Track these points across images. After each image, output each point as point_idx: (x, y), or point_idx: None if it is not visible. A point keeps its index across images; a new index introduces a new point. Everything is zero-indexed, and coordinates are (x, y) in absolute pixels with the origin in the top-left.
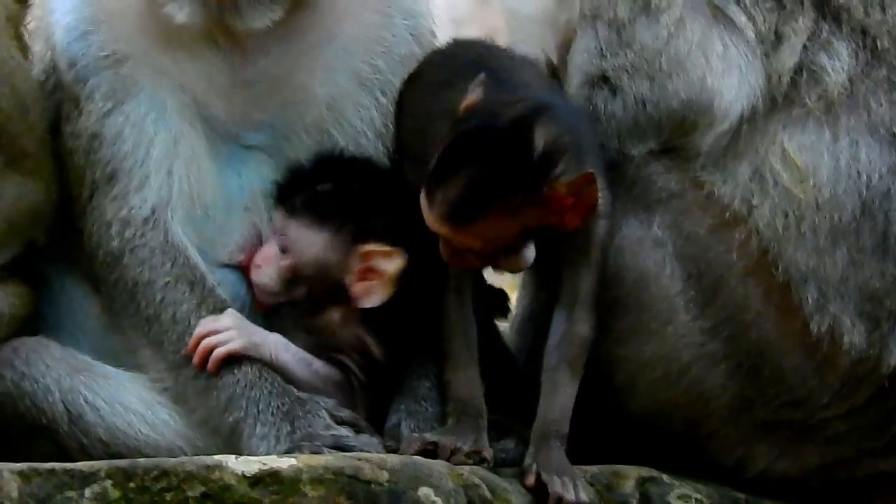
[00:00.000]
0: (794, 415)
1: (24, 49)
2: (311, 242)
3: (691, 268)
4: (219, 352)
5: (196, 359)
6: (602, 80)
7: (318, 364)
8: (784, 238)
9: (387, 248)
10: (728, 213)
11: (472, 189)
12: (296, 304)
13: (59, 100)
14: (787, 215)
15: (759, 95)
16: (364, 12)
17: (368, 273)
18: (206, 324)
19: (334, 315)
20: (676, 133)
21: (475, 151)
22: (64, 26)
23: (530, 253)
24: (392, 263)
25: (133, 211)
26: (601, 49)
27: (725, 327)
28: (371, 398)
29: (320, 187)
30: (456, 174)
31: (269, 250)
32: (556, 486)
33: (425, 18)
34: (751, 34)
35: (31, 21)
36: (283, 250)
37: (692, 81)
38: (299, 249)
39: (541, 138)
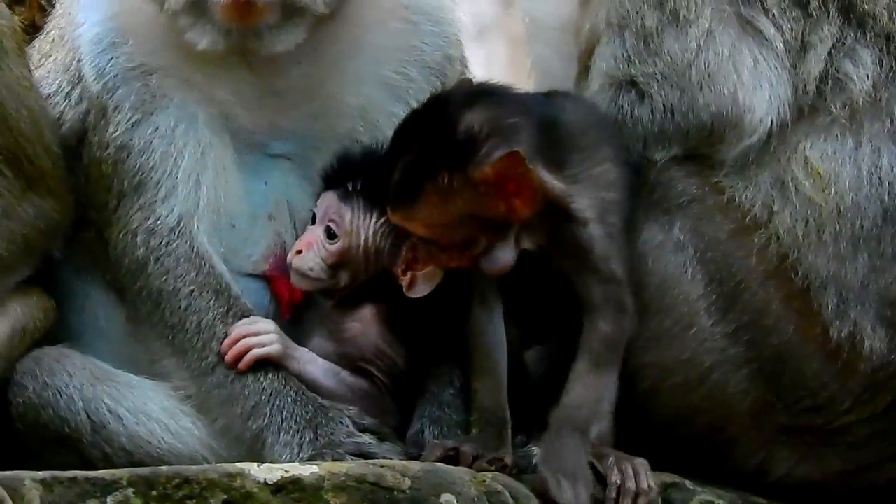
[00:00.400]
0: (815, 420)
1: (30, 71)
2: (366, 226)
3: (712, 272)
4: (256, 352)
5: (230, 356)
6: (630, 84)
7: (345, 374)
8: (804, 244)
9: None
10: (748, 219)
11: (406, 170)
12: (324, 309)
13: (85, 109)
14: (807, 222)
15: (787, 108)
16: (392, 21)
17: (415, 264)
18: (245, 325)
19: (361, 320)
20: (703, 143)
21: (412, 135)
22: (91, 38)
23: (506, 255)
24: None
25: (160, 220)
26: (628, 56)
27: (746, 332)
28: (396, 405)
29: (375, 174)
30: (397, 159)
31: (312, 236)
32: (552, 486)
33: (452, 26)
34: (780, 45)
35: (54, 30)
36: (332, 235)
37: (723, 95)
38: (352, 232)
39: (470, 120)
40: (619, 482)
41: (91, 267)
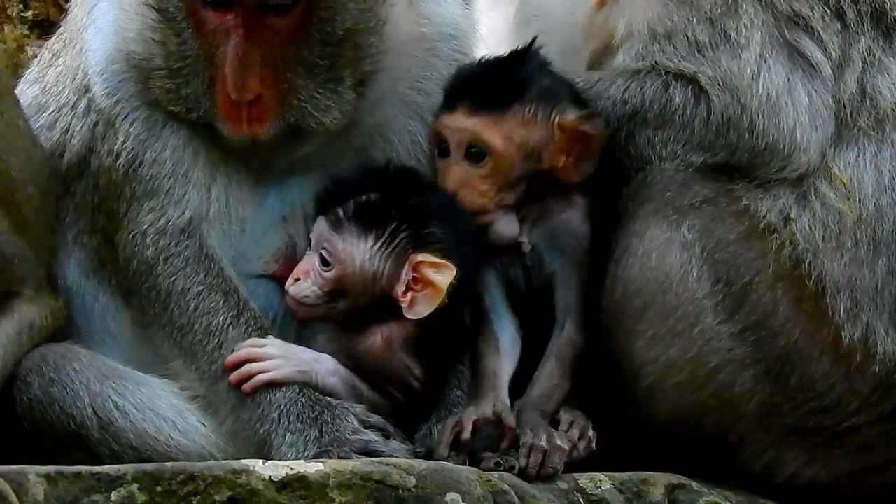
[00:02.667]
0: (823, 421)
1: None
2: (360, 252)
3: (720, 272)
4: (260, 378)
5: (234, 378)
6: (685, 80)
7: (364, 388)
8: (822, 250)
9: (439, 260)
10: (762, 225)
11: (499, 82)
12: (334, 324)
13: (93, 121)
14: (826, 228)
15: (831, 138)
16: (408, 42)
17: (416, 284)
18: (250, 349)
19: (376, 340)
20: (744, 162)
21: (516, 61)
22: (103, 57)
23: (510, 227)
24: (443, 276)
25: (170, 222)
26: (682, 54)
27: (753, 332)
28: (412, 419)
29: (370, 195)
30: (494, 68)
31: (308, 264)
32: (528, 437)
33: (468, 38)
34: (827, 71)
35: (62, 37)
36: (326, 263)
37: (782, 130)
38: (345, 260)
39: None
40: (529, 441)
41: (99, 270)
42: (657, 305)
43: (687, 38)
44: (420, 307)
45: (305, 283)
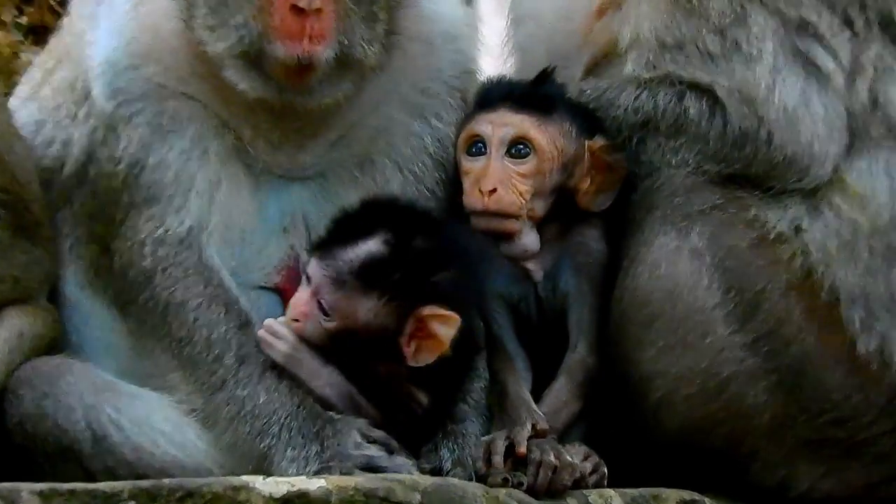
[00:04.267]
0: (838, 433)
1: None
2: (363, 309)
3: (731, 280)
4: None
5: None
6: (699, 91)
7: (363, 401)
8: (836, 260)
9: (444, 313)
10: (772, 234)
11: (538, 88)
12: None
13: (93, 126)
14: (840, 238)
15: (844, 149)
16: (409, 43)
17: (421, 333)
18: (274, 323)
19: (378, 371)
20: (759, 173)
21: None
22: (105, 59)
23: (531, 241)
24: (448, 328)
25: (169, 231)
26: (694, 63)
27: (766, 342)
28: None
29: (372, 250)
30: (517, 81)
31: (305, 305)
32: (536, 453)
33: (470, 40)
34: (839, 80)
35: (60, 46)
36: (326, 313)
37: (800, 143)
38: (347, 315)
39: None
40: (537, 458)
41: (95, 281)
42: (666, 315)
43: (698, 48)
44: (423, 356)
45: (306, 326)
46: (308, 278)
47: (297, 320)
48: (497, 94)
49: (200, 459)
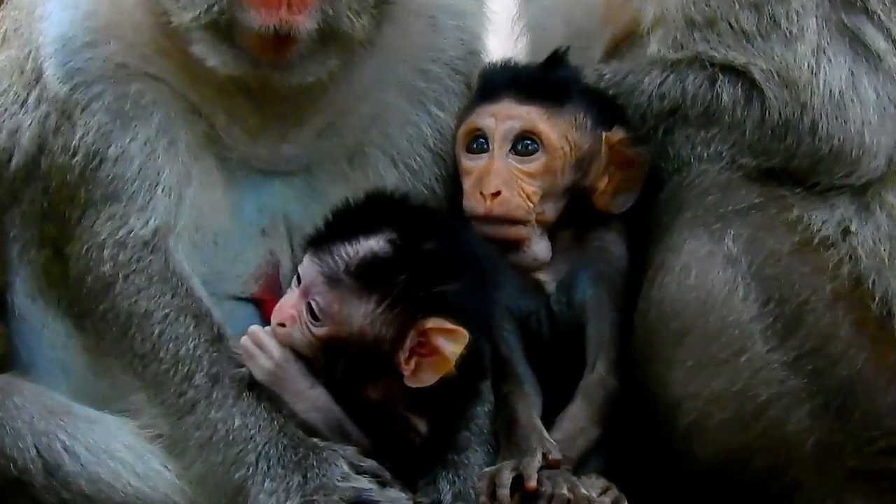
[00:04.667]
0: (892, 463)
1: None
2: (359, 315)
3: (770, 290)
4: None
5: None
6: (734, 73)
7: (354, 430)
8: (889, 267)
9: (450, 327)
10: (817, 238)
11: (549, 75)
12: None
13: (45, 112)
14: (893, 242)
15: None
16: (408, 18)
17: (422, 348)
18: (260, 332)
19: (371, 394)
20: (803, 166)
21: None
22: (60, 36)
23: (542, 250)
24: (454, 344)
25: (132, 233)
26: (728, 43)
27: (810, 360)
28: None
29: (374, 246)
30: (525, 66)
31: (293, 308)
32: (547, 486)
33: (476, 17)
34: (893, 61)
35: (7, 21)
36: (316, 317)
37: (849, 132)
38: (341, 322)
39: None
40: (549, 491)
41: (46, 290)
42: (697, 330)
43: (731, 25)
44: (424, 375)
45: (293, 332)
46: (298, 278)
47: (283, 325)
48: (501, 82)
49: (167, 492)
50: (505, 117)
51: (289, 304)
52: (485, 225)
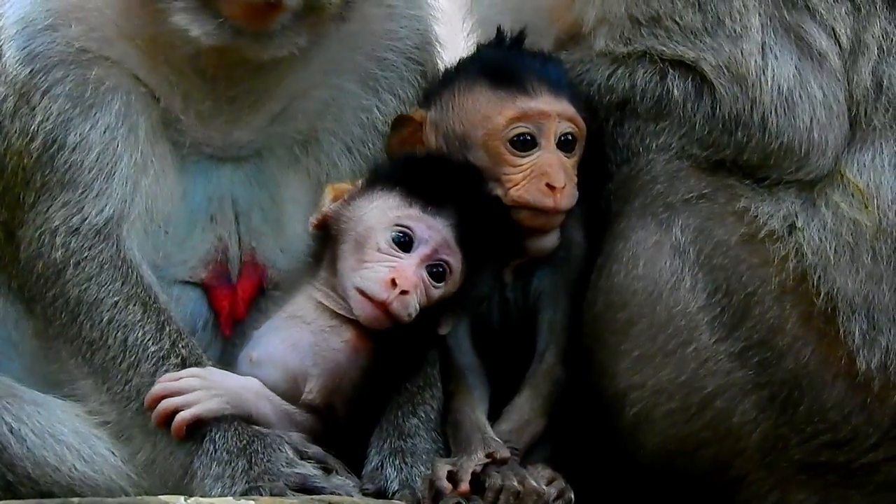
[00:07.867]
0: (837, 456)
1: None
2: (461, 277)
3: (719, 280)
4: (182, 417)
5: (157, 419)
6: (684, 69)
7: (297, 413)
8: (834, 264)
9: None
10: (764, 231)
11: (547, 63)
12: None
13: (2, 94)
14: (839, 239)
15: (845, 138)
16: (367, 5)
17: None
18: (165, 384)
19: (348, 341)
20: (753, 161)
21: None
22: (20, 18)
23: (551, 237)
24: None
25: (86, 220)
26: (676, 39)
27: (756, 352)
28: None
29: (492, 221)
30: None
31: (416, 276)
32: (495, 478)
33: (431, 8)
34: (835, 60)
35: None
36: (440, 278)
37: (798, 128)
38: (456, 281)
39: None
40: (497, 483)
41: None
42: (645, 320)
43: (676, 23)
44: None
45: (412, 299)
46: (404, 245)
47: (405, 292)
48: (525, 75)
49: (113, 476)
50: (554, 114)
51: (408, 270)
52: (542, 216)
